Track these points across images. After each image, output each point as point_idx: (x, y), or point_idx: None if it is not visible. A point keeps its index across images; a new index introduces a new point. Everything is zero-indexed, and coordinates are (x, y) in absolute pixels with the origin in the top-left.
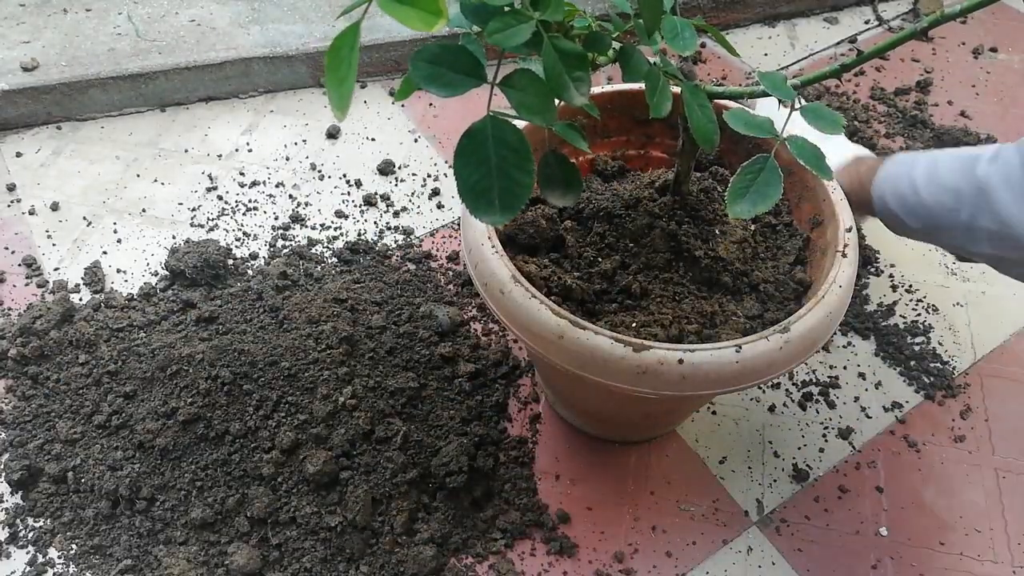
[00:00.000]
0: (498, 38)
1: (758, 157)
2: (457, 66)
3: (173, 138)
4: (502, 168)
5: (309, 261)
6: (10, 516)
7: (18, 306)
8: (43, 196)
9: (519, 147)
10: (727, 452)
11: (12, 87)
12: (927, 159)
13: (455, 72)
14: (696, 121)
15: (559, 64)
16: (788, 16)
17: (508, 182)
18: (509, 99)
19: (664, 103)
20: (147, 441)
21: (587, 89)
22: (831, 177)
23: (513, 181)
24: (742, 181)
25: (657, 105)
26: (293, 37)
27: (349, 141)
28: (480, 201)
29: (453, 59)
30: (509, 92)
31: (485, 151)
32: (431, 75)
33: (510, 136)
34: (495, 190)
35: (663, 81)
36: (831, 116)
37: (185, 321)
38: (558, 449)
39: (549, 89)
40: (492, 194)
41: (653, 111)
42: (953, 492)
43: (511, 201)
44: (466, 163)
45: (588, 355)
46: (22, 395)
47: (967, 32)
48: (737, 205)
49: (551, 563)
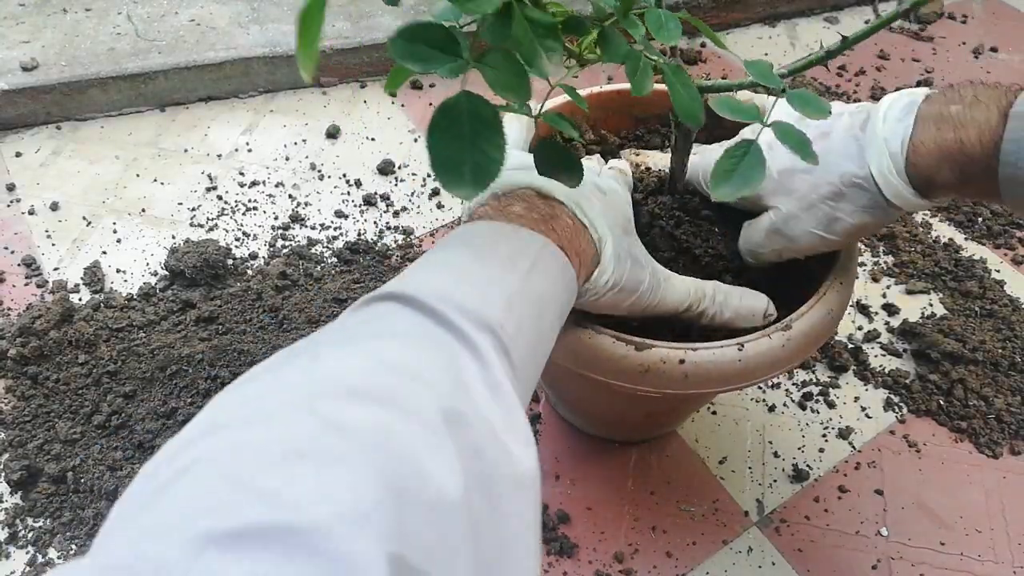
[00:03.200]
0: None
1: (742, 141)
2: (433, 42)
3: (173, 138)
4: (475, 142)
5: (309, 261)
6: (9, 516)
7: (17, 306)
8: (43, 196)
9: (492, 121)
10: (727, 452)
11: (12, 87)
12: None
13: (431, 48)
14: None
15: (529, 33)
16: (788, 16)
17: (481, 156)
18: (484, 76)
19: (645, 82)
20: (147, 441)
21: (558, 59)
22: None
23: (486, 156)
24: (726, 164)
25: (638, 83)
26: (293, 37)
27: (349, 141)
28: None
29: (429, 35)
30: (484, 69)
31: (460, 125)
32: (408, 51)
33: (484, 111)
34: (467, 164)
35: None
36: (817, 102)
37: (185, 321)
38: (558, 449)
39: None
40: (464, 168)
41: (634, 89)
42: (953, 492)
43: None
44: (440, 137)
45: (589, 354)
46: (21, 395)
47: (967, 32)
48: (721, 188)
49: (551, 563)
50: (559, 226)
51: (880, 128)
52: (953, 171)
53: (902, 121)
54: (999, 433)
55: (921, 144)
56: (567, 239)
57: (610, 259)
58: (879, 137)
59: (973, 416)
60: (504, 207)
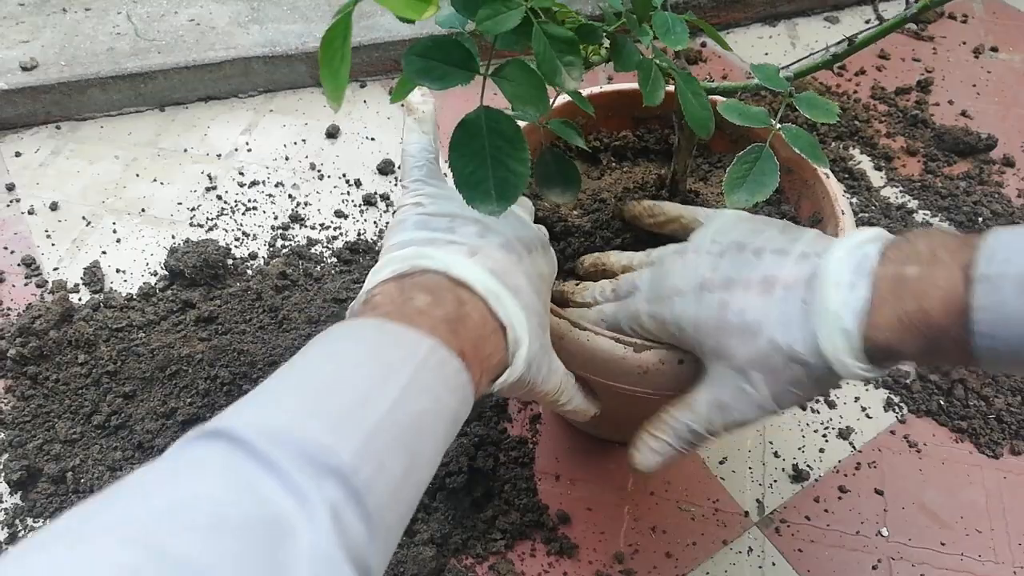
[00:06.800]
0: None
1: (753, 147)
2: (449, 58)
3: (172, 138)
4: (497, 158)
5: (309, 261)
6: (9, 516)
7: (17, 306)
8: (42, 196)
9: (513, 137)
10: (727, 452)
11: (11, 87)
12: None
13: (447, 64)
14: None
15: (549, 49)
16: (788, 15)
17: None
18: (502, 89)
19: (657, 92)
20: (147, 441)
21: (579, 74)
22: (827, 164)
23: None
24: (738, 171)
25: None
26: (292, 36)
27: (349, 141)
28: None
29: (444, 52)
30: (502, 83)
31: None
32: (423, 68)
33: (504, 126)
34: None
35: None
36: (824, 104)
37: (184, 321)
38: (558, 449)
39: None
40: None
41: (647, 99)
42: (954, 492)
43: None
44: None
45: (589, 356)
46: (21, 395)
47: (968, 32)
48: (735, 194)
49: (551, 564)
50: (464, 328)
51: (831, 298)
52: (918, 343)
53: (855, 288)
54: (999, 433)
55: (880, 317)
56: (471, 344)
57: (521, 365)
58: (830, 311)
59: (973, 416)
60: (405, 298)
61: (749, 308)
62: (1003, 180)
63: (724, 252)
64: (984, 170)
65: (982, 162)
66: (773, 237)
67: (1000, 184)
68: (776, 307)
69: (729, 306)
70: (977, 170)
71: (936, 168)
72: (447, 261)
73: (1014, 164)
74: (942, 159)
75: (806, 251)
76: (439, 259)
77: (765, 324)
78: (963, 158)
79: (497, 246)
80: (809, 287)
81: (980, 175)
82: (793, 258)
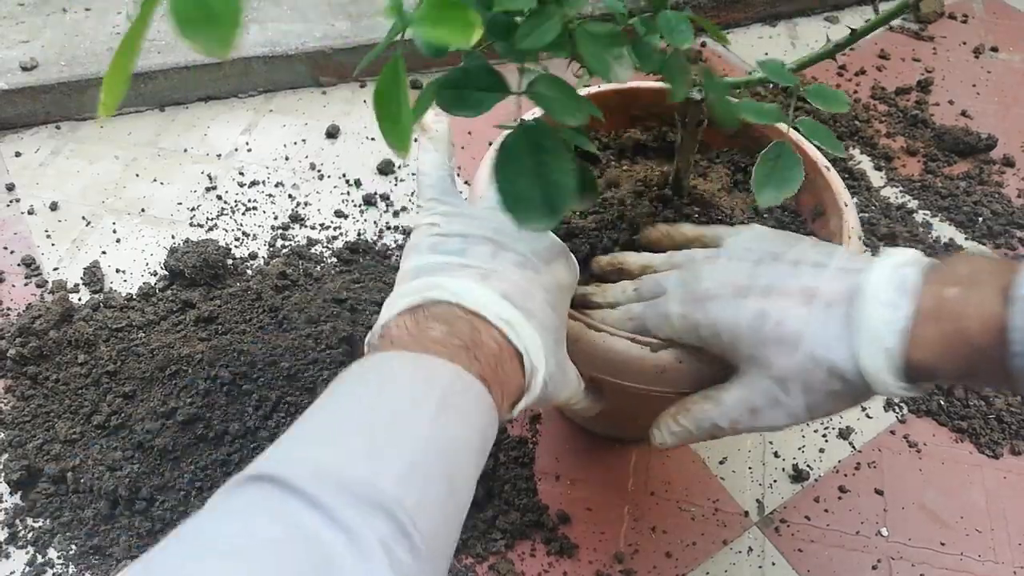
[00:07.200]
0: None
1: (774, 144)
2: (481, 84)
3: (172, 138)
4: (540, 173)
5: (308, 261)
6: (9, 516)
7: (17, 306)
8: (42, 196)
9: (556, 150)
10: (727, 452)
11: (11, 86)
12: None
13: (480, 91)
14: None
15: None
16: (788, 15)
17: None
18: (542, 106)
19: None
20: (146, 441)
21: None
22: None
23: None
24: (763, 170)
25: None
26: (292, 36)
27: (349, 141)
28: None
29: (475, 80)
30: (539, 97)
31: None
32: (458, 100)
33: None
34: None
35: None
36: (835, 94)
37: (184, 321)
38: (558, 449)
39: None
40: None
41: (674, 95)
42: (954, 492)
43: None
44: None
45: (604, 357)
46: (21, 395)
47: (968, 32)
48: (764, 193)
49: (551, 563)
50: (483, 354)
51: (874, 316)
52: (957, 363)
53: (897, 308)
54: (999, 433)
55: (920, 337)
56: (490, 369)
57: (538, 390)
58: (872, 329)
59: (974, 416)
60: (420, 330)
61: (788, 318)
62: (1003, 180)
63: (760, 260)
64: (984, 170)
65: (982, 162)
66: (806, 250)
67: (1000, 184)
68: (817, 321)
69: (768, 315)
70: (977, 170)
71: (936, 168)
72: (459, 291)
73: (1014, 164)
74: (942, 159)
75: (845, 267)
76: (451, 289)
77: (805, 337)
78: (963, 158)
79: (511, 265)
80: (851, 303)
81: (980, 175)
82: (831, 271)
